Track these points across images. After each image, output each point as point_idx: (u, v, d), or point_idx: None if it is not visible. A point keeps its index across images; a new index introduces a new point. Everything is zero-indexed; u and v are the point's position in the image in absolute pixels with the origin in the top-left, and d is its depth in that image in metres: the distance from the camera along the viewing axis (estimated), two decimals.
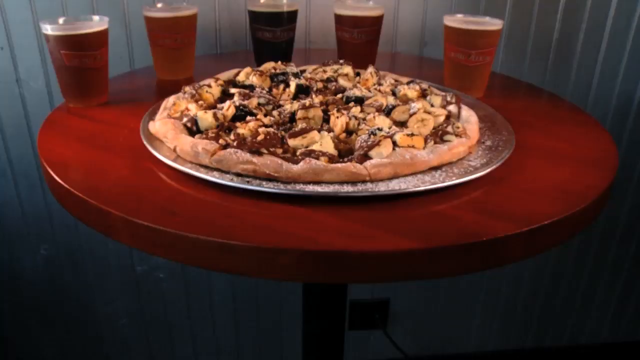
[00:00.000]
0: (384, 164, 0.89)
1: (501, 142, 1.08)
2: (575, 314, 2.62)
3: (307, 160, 0.87)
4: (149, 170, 0.94)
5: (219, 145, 0.92)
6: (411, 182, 0.89)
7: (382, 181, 0.89)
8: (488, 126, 1.17)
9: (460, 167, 0.96)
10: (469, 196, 0.89)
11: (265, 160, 0.87)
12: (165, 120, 1.02)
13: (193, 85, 1.18)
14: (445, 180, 0.90)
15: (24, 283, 2.22)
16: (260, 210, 0.82)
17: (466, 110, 1.14)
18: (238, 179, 0.88)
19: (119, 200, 0.84)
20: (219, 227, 0.77)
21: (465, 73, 1.38)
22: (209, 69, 1.63)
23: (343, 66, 1.40)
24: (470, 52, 1.34)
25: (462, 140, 1.00)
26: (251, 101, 1.13)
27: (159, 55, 1.48)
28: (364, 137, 0.95)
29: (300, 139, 0.93)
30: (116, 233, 0.83)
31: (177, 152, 0.95)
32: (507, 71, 2.04)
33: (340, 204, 0.84)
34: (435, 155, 0.94)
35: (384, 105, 1.14)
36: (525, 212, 0.84)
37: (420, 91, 1.28)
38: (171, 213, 0.80)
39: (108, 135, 1.09)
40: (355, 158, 0.92)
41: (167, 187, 0.89)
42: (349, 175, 0.87)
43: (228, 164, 0.89)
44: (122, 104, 1.30)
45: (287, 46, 1.62)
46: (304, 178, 0.87)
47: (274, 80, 1.32)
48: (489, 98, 1.42)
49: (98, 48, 1.22)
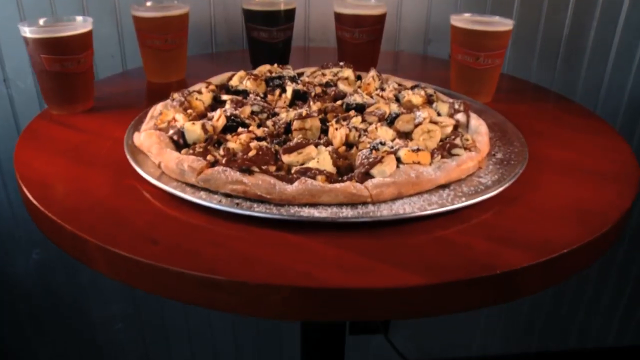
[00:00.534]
0: (387, 183, 0.81)
1: (513, 155, 1.00)
2: (581, 318, 2.55)
3: (303, 180, 0.80)
4: (131, 189, 0.87)
5: (206, 162, 0.84)
6: (417, 203, 0.82)
7: (384, 202, 0.82)
8: (498, 136, 1.09)
9: (470, 184, 0.89)
10: (479, 218, 0.82)
11: (256, 180, 0.80)
12: (150, 133, 0.94)
13: (182, 92, 1.10)
14: (454, 201, 0.82)
15: (17, 287, 2.16)
16: (250, 237, 0.75)
17: (475, 119, 1.06)
18: (227, 200, 0.81)
19: (96, 225, 0.77)
20: (203, 258, 0.70)
21: (473, 76, 1.30)
22: (202, 71, 1.55)
23: (343, 69, 1.32)
24: (479, 55, 1.25)
25: (471, 154, 0.92)
26: (244, 109, 1.05)
27: (148, 57, 1.40)
28: (365, 153, 0.88)
29: (296, 154, 0.86)
30: (93, 262, 0.76)
31: (162, 169, 0.88)
32: (514, 71, 1.96)
33: (339, 230, 0.77)
34: (443, 172, 0.86)
35: (386, 114, 1.07)
36: (542, 237, 0.77)
37: (426, 97, 1.20)
38: (152, 241, 0.73)
39: (91, 147, 1.02)
40: (355, 176, 0.84)
41: (150, 209, 0.81)
42: (348, 196, 0.80)
43: (216, 184, 0.81)
44: (108, 110, 1.23)
45: (284, 46, 1.54)
46: (299, 200, 0.79)
47: (270, 84, 1.25)
48: (497, 102, 1.34)
49: (81, 51, 1.14)
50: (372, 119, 1.05)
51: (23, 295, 2.19)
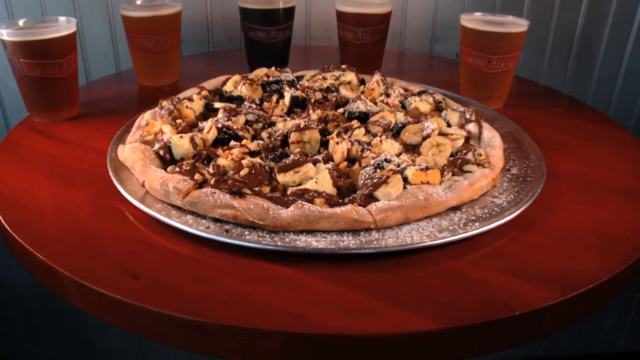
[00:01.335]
0: (393, 208, 0.73)
1: (529, 170, 0.92)
2: (590, 322, 2.48)
3: (299, 205, 0.72)
4: (112, 210, 0.80)
5: (193, 183, 0.77)
6: (425, 229, 0.74)
7: (390, 228, 0.74)
8: (513, 148, 1.01)
9: (483, 205, 0.81)
10: (494, 246, 0.74)
11: (248, 204, 0.72)
12: (134, 147, 0.87)
13: (171, 100, 1.03)
14: (466, 227, 0.75)
15: (12, 292, 2.10)
16: (240, 270, 0.67)
17: (488, 130, 0.98)
18: (216, 225, 0.74)
19: (72, 255, 0.70)
20: (188, 297, 0.63)
21: (484, 81, 1.21)
22: (196, 73, 1.47)
23: (345, 72, 1.24)
24: (491, 58, 1.17)
25: (485, 171, 0.84)
26: (237, 119, 0.98)
27: (139, 59, 1.32)
28: (369, 171, 0.80)
29: (292, 174, 0.78)
30: (67, 294, 0.69)
31: (147, 188, 0.81)
32: (524, 71, 1.86)
33: (339, 261, 0.69)
34: (454, 193, 0.78)
35: (392, 124, 0.99)
36: (563, 270, 0.69)
37: (434, 104, 1.12)
38: (132, 274, 0.66)
39: (72, 161, 0.95)
40: (358, 198, 0.76)
41: (131, 234, 0.74)
42: (350, 223, 0.72)
43: (204, 208, 0.74)
44: (95, 117, 1.15)
45: (283, 47, 1.46)
46: (294, 227, 0.72)
47: (267, 90, 1.17)
48: (509, 108, 1.26)
49: (64, 55, 1.06)
50: (376, 129, 0.97)
51: (18, 300, 2.13)
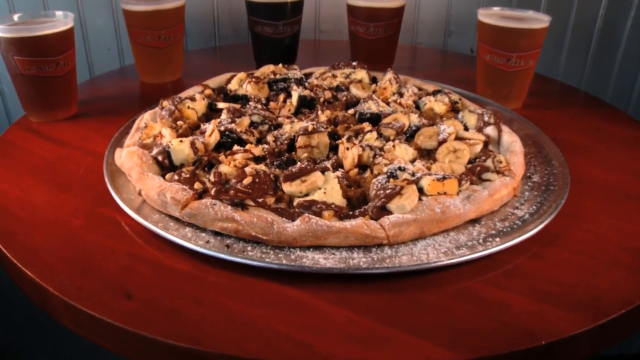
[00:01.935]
0: (407, 222, 0.68)
1: (552, 177, 0.86)
2: None
3: (306, 218, 0.67)
4: (107, 221, 0.75)
5: (192, 193, 0.71)
6: (442, 244, 0.69)
7: (404, 244, 0.69)
8: (533, 152, 0.95)
9: (503, 217, 0.76)
10: (515, 263, 0.69)
11: (250, 217, 0.67)
12: (132, 152, 0.82)
13: (172, 100, 0.97)
14: (486, 242, 0.69)
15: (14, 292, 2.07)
16: (242, 291, 0.62)
17: (508, 134, 0.92)
18: (216, 239, 0.68)
19: (61, 271, 0.65)
20: (185, 322, 0.58)
21: (502, 79, 1.15)
22: (201, 70, 1.41)
23: (356, 70, 1.18)
24: (510, 55, 1.11)
25: (505, 180, 0.79)
26: (242, 121, 0.92)
27: (140, 55, 1.27)
28: (381, 181, 0.75)
29: (299, 183, 0.73)
30: (55, 313, 0.64)
31: (144, 197, 0.76)
32: (540, 67, 1.79)
33: (349, 281, 0.64)
34: (473, 205, 0.73)
35: (405, 127, 0.93)
36: (592, 291, 0.64)
37: (450, 105, 1.06)
38: (125, 294, 0.61)
39: (68, 165, 0.90)
40: (369, 211, 0.71)
41: (126, 248, 0.69)
42: (361, 238, 0.67)
43: (203, 220, 0.69)
44: (94, 116, 1.10)
45: (291, 42, 1.40)
46: (301, 242, 0.66)
47: (273, 88, 1.11)
48: (528, 109, 1.19)
49: (60, 52, 1.01)
50: (389, 132, 0.92)
51: (20, 300, 2.10)
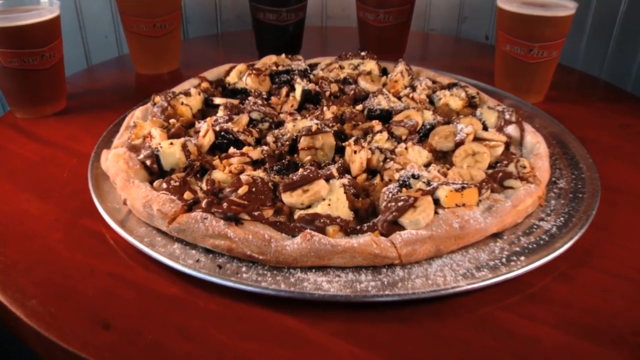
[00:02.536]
0: (422, 238, 0.60)
1: (580, 183, 0.78)
2: None
3: (307, 236, 0.59)
4: (90, 234, 0.68)
5: (181, 205, 0.64)
6: (460, 264, 0.61)
7: (417, 264, 0.61)
8: (559, 153, 0.87)
9: (528, 230, 0.68)
10: (541, 286, 0.61)
11: (245, 233, 0.60)
12: (118, 155, 0.74)
13: (165, 95, 0.90)
14: (510, 262, 0.61)
15: None
16: (234, 320, 0.55)
17: (532, 134, 0.84)
18: (207, 257, 0.61)
19: (35, 295, 0.58)
20: (169, 358, 0.51)
21: (523, 71, 1.06)
22: (200, 59, 1.33)
23: (365, 61, 1.09)
24: (533, 46, 1.02)
25: (530, 188, 0.70)
26: (240, 119, 0.84)
27: (135, 44, 1.19)
28: (392, 190, 0.67)
29: (300, 193, 0.65)
30: (29, 343, 0.57)
31: (129, 207, 0.68)
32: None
33: (355, 309, 0.57)
34: (495, 218, 0.65)
35: (418, 125, 0.85)
36: (632, 323, 0.56)
37: (467, 99, 0.97)
38: (103, 324, 0.54)
39: (51, 167, 0.83)
40: (379, 225, 0.63)
41: (107, 267, 0.62)
42: (369, 258, 0.59)
43: (193, 236, 0.62)
44: (83, 111, 1.03)
45: (295, 30, 1.31)
46: (302, 262, 0.59)
47: (275, 81, 1.03)
48: (550, 102, 1.10)
49: (46, 43, 0.93)
50: (400, 131, 0.84)
51: None
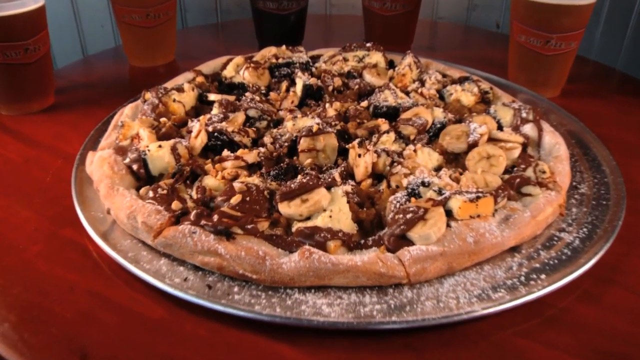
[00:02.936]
0: (433, 255, 0.55)
1: (603, 188, 0.72)
2: None
3: (306, 253, 0.54)
4: (71, 246, 0.62)
5: (168, 216, 0.58)
6: (475, 284, 0.55)
7: (427, 283, 0.55)
8: (579, 154, 0.80)
9: (548, 243, 0.62)
10: (563, 307, 0.56)
11: (237, 249, 0.54)
12: (103, 158, 0.69)
13: (156, 91, 0.84)
14: (529, 281, 0.56)
15: None
16: (225, 349, 0.50)
17: (550, 134, 0.78)
18: (196, 275, 0.56)
19: (7, 317, 0.53)
20: None
21: (539, 64, 0.99)
22: (198, 50, 1.27)
23: (370, 52, 1.03)
24: (550, 37, 0.95)
25: (550, 196, 0.64)
26: (235, 117, 0.79)
27: (127, 36, 1.13)
28: (400, 199, 0.61)
29: (299, 203, 0.59)
30: None
31: (113, 217, 0.63)
32: None
33: (359, 337, 0.51)
34: (513, 231, 0.59)
35: (428, 124, 0.79)
36: None
37: (480, 95, 0.91)
38: (80, 354, 0.49)
39: (34, 170, 0.77)
40: (385, 239, 0.58)
41: (88, 284, 0.57)
42: (374, 278, 0.54)
43: (181, 252, 0.56)
44: (72, 108, 0.97)
45: (297, 19, 1.24)
46: (300, 282, 0.54)
47: (275, 74, 0.97)
48: (567, 97, 1.04)
49: (30, 36, 0.87)
50: (408, 130, 0.78)
51: None
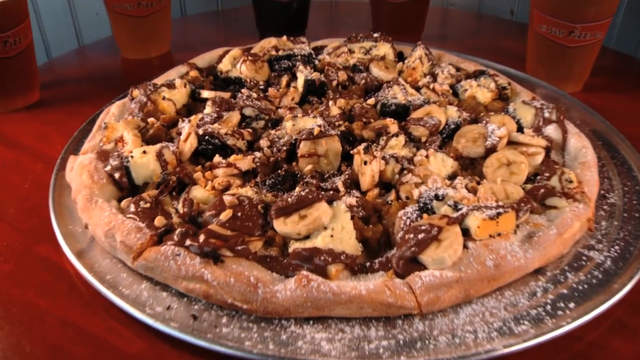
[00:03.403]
0: (448, 282, 0.48)
1: (635, 198, 0.65)
2: None
3: (303, 281, 0.47)
4: (45, 265, 0.57)
5: (150, 235, 0.52)
6: (495, 314, 0.49)
7: (441, 312, 0.49)
8: (606, 157, 0.73)
9: (576, 263, 0.55)
10: (594, 337, 0.49)
11: (226, 275, 0.48)
12: (82, 166, 0.62)
13: (144, 88, 0.77)
14: (556, 310, 0.49)
15: None
16: None
17: (576, 136, 0.70)
18: (181, 303, 0.50)
19: None
20: None
21: (561, 57, 0.91)
22: (196, 40, 1.18)
23: (378, 44, 0.95)
24: (574, 27, 0.87)
25: (578, 210, 0.57)
26: (229, 118, 0.72)
27: (119, 26, 1.06)
28: (411, 215, 0.54)
29: (296, 220, 0.53)
30: None
31: (91, 232, 0.57)
32: None
33: None
34: (538, 251, 0.52)
35: (441, 124, 0.72)
36: None
37: (497, 91, 0.84)
38: None
39: (12, 175, 0.71)
40: (394, 262, 0.51)
41: (61, 311, 0.51)
42: (381, 309, 0.47)
43: (163, 277, 0.50)
44: (58, 104, 0.91)
45: (300, 6, 1.15)
46: (296, 313, 0.47)
47: (275, 68, 0.90)
48: (590, 92, 0.96)
49: (9, 27, 0.81)
50: (420, 132, 0.71)
51: None
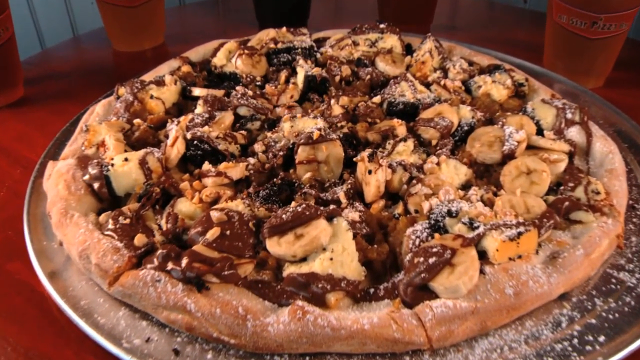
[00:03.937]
0: (462, 314, 0.42)
1: None
2: None
3: (297, 313, 0.42)
4: (16, 286, 0.52)
5: (128, 257, 0.47)
6: (515, 349, 0.43)
7: (454, 347, 0.43)
8: (632, 162, 0.66)
9: (604, 287, 0.50)
10: None
11: (211, 305, 0.42)
12: (59, 174, 0.57)
13: (131, 86, 0.71)
14: (584, 344, 0.44)
15: None
16: None
17: (602, 140, 0.64)
18: (162, 334, 0.44)
19: None
20: None
21: (582, 49, 0.85)
22: (193, 31, 1.11)
23: (384, 35, 0.89)
24: (597, 18, 0.80)
25: (607, 226, 0.52)
26: (222, 118, 0.66)
27: (109, 17, 1.00)
28: (421, 233, 0.48)
29: (292, 240, 0.47)
30: None
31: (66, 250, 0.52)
32: None
33: None
34: (563, 275, 0.47)
35: (454, 126, 0.66)
36: None
37: (513, 88, 0.77)
38: None
39: None
40: (401, 289, 0.45)
41: (29, 341, 0.47)
42: (387, 345, 0.42)
43: (142, 305, 0.45)
44: (43, 101, 0.85)
45: None
46: (290, 349, 0.42)
47: (273, 62, 0.83)
48: (611, 87, 0.89)
49: None
50: (430, 134, 0.65)
51: None
